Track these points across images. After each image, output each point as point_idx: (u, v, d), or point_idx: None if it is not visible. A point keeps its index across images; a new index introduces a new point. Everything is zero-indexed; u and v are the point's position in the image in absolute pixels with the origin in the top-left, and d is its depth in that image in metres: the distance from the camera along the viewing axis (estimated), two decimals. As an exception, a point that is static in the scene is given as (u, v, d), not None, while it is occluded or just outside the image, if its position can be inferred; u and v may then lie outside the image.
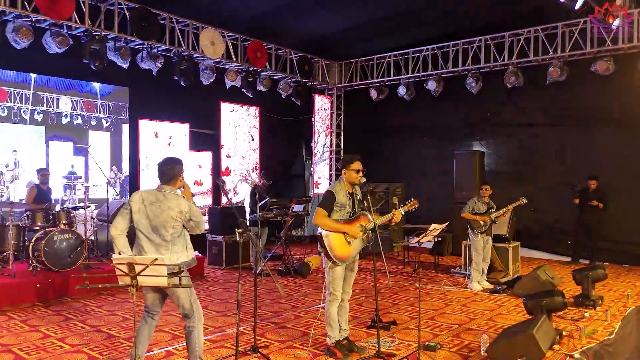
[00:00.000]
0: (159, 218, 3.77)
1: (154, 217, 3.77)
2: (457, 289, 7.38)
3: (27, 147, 8.55)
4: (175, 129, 10.45)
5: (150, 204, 3.80)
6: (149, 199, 3.82)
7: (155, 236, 3.80)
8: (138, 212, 3.78)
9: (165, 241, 3.79)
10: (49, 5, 7.23)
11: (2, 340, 4.99)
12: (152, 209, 3.78)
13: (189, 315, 3.91)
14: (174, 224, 3.77)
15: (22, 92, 8.47)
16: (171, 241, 3.80)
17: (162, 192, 3.84)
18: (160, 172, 3.91)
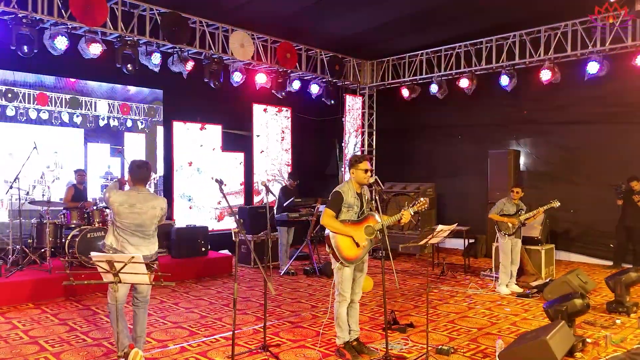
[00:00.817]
0: (142, 217, 4.21)
1: (138, 216, 4.19)
2: (484, 292, 7.19)
3: (67, 149, 8.96)
4: (209, 130, 10.68)
5: (130, 205, 4.19)
6: (127, 202, 4.20)
7: (139, 232, 4.23)
8: (121, 213, 4.16)
9: (148, 235, 4.28)
10: (84, 12, 7.54)
11: (31, 332, 5.26)
12: (135, 210, 4.18)
13: (145, 299, 4.38)
14: (155, 220, 4.29)
15: (62, 97, 8.88)
16: (152, 235, 4.33)
17: (141, 193, 4.26)
18: (135, 174, 4.30)
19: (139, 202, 4.21)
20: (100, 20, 7.73)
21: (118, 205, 4.22)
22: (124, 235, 4.19)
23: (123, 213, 4.18)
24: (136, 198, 4.22)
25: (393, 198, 10.80)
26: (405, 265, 9.43)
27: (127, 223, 4.18)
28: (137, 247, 4.20)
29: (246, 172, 11.33)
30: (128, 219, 4.17)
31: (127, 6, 8.24)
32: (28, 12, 7.23)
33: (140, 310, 4.37)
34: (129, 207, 4.20)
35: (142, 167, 4.33)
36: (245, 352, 4.66)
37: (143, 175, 4.32)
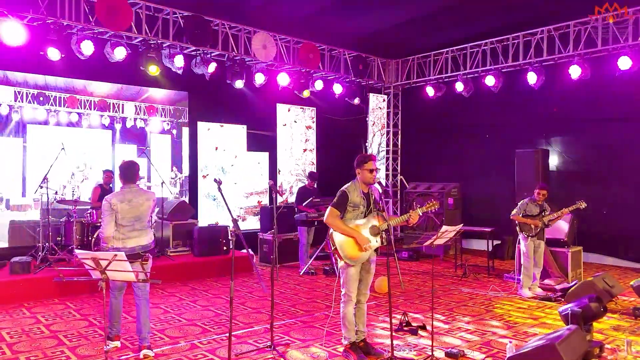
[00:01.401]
0: (140, 209, 4.66)
1: (136, 209, 4.63)
2: (504, 295, 7.01)
3: (96, 150, 9.25)
4: (233, 131, 10.82)
5: (128, 201, 4.62)
6: (126, 198, 4.62)
7: (138, 224, 4.66)
8: (120, 210, 4.58)
9: (145, 227, 4.75)
10: (109, 17, 7.77)
11: (52, 327, 5.46)
12: (131, 204, 4.62)
13: (142, 291, 4.75)
14: (149, 211, 4.76)
15: (90, 99, 9.18)
16: (148, 226, 4.80)
17: (131, 190, 4.69)
18: (123, 174, 4.76)
19: (134, 197, 4.66)
20: (124, 24, 7.95)
21: (119, 203, 4.59)
22: (125, 232, 4.60)
23: (124, 210, 4.58)
24: (131, 194, 4.67)
25: (417, 198, 10.67)
26: (428, 267, 9.30)
27: (128, 218, 4.58)
28: (136, 238, 4.68)
29: (270, 172, 11.42)
30: (129, 213, 4.59)
31: (152, 10, 8.45)
32: (56, 18, 7.51)
33: (141, 301, 4.73)
34: (128, 202, 4.62)
35: (130, 168, 4.80)
36: (253, 350, 4.70)
37: (132, 174, 4.77)
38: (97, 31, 8.00)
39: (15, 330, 5.32)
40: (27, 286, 6.66)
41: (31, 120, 8.59)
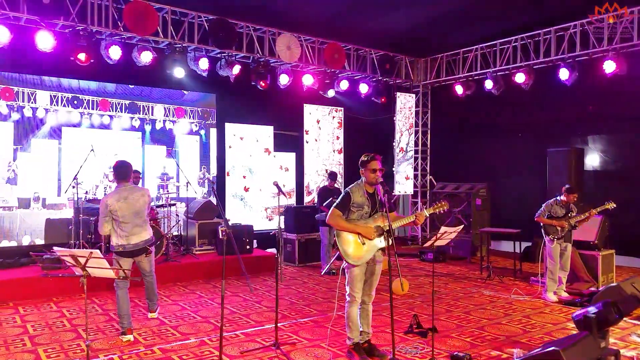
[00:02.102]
0: (137, 205, 4.96)
1: (133, 205, 4.93)
2: (528, 299, 6.80)
3: (127, 151, 9.57)
4: (260, 132, 10.97)
5: (124, 199, 4.93)
6: (122, 196, 4.94)
7: (137, 219, 4.98)
8: (119, 209, 4.88)
9: (144, 222, 5.06)
10: (136, 23, 8.03)
11: (74, 321, 5.70)
12: (128, 201, 4.92)
13: (149, 275, 5.35)
14: (146, 206, 5.05)
15: (122, 102, 9.52)
16: (146, 221, 5.11)
17: (126, 187, 4.99)
18: (117, 173, 5.07)
19: (129, 194, 4.98)
20: (151, 29, 8.19)
21: (116, 202, 4.90)
22: (126, 228, 4.92)
23: (121, 207, 4.89)
24: (125, 192, 4.98)
25: (444, 199, 10.46)
26: (453, 269, 9.12)
27: (127, 214, 4.89)
28: (138, 234, 5.01)
29: (297, 172, 11.50)
30: (127, 210, 4.89)
31: (177, 15, 8.68)
32: (86, 24, 7.83)
33: (147, 279, 5.35)
34: (124, 200, 4.92)
35: (123, 167, 5.12)
36: (258, 348, 4.76)
37: (125, 174, 5.09)
38: (124, 36, 8.28)
39: (39, 323, 5.58)
40: (57, 282, 6.96)
41: (66, 122, 8.99)
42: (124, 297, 5.02)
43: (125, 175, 5.07)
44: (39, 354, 4.61)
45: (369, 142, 12.23)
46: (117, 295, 5.00)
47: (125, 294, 5.04)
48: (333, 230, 8.67)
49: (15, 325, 5.50)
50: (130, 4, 7.99)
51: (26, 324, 5.57)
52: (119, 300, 4.99)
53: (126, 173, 5.09)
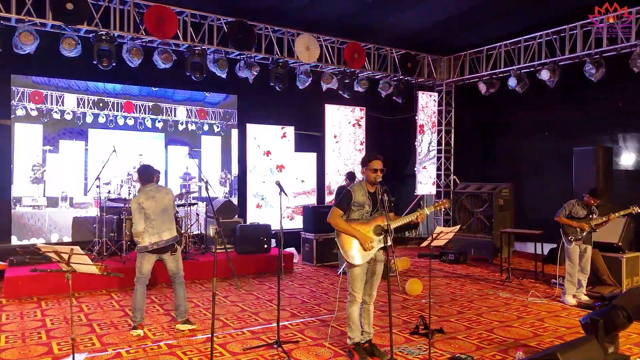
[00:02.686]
0: (164, 202, 5.27)
1: (161, 203, 5.24)
2: (545, 302, 6.62)
3: (150, 151, 9.83)
4: (282, 132, 11.06)
5: (152, 197, 5.22)
6: (149, 195, 5.23)
7: (166, 216, 5.27)
8: (149, 207, 5.18)
9: (172, 219, 5.36)
10: (156, 27, 8.25)
11: (91, 316, 5.90)
12: (156, 200, 5.22)
13: (176, 275, 5.43)
14: (174, 203, 5.38)
15: (145, 104, 9.77)
16: (173, 218, 5.41)
17: (152, 187, 5.31)
18: (142, 177, 5.38)
19: (156, 193, 5.28)
20: (170, 33, 8.39)
21: (144, 201, 5.12)
22: (157, 225, 5.19)
23: (151, 206, 5.17)
24: (152, 191, 5.29)
25: (466, 199, 10.31)
26: (473, 270, 8.96)
27: (156, 212, 5.18)
28: (169, 230, 5.29)
29: (318, 172, 11.53)
30: (156, 208, 5.19)
31: (197, 18, 8.85)
32: (108, 29, 8.09)
33: (176, 284, 5.43)
34: (152, 199, 5.20)
35: (147, 170, 5.46)
36: (261, 346, 4.81)
37: (149, 176, 5.42)
38: (145, 40, 8.51)
39: (57, 317, 5.81)
40: (78, 277, 7.19)
41: (92, 124, 9.29)
42: (142, 292, 5.27)
43: (149, 178, 5.39)
44: (52, 347, 4.79)
45: (391, 142, 12.19)
46: (135, 290, 5.25)
47: (143, 289, 5.29)
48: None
49: (35, 319, 5.74)
50: (151, 8, 8.21)
51: (45, 318, 5.80)
52: (136, 294, 5.23)
53: (150, 175, 5.43)
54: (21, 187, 8.72)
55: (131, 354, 4.62)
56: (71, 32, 7.89)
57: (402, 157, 12.31)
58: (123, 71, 8.64)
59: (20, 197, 8.71)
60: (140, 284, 5.29)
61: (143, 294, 5.31)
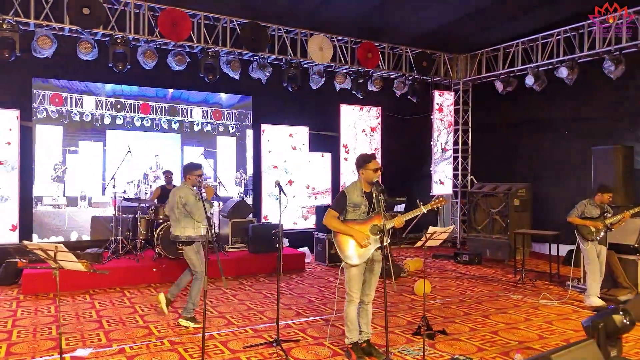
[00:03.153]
0: (170, 202, 5.63)
1: (170, 202, 5.65)
2: (557, 304, 6.49)
3: (166, 152, 10.01)
4: (296, 132, 11.12)
5: (169, 196, 5.72)
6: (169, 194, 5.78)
7: (172, 214, 5.61)
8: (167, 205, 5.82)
9: (175, 217, 5.53)
10: (170, 29, 8.40)
11: (102, 312, 6.06)
12: (169, 199, 5.69)
13: (195, 272, 5.58)
14: (177, 205, 5.45)
15: (161, 106, 9.96)
16: (177, 218, 5.50)
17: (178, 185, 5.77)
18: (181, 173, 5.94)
19: (173, 191, 5.76)
20: (184, 35, 8.53)
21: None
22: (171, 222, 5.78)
23: (169, 202, 5.73)
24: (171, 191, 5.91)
25: (482, 199, 10.18)
26: (487, 271, 8.84)
27: (167, 209, 5.76)
28: (174, 228, 5.64)
29: (333, 172, 11.54)
30: (168, 206, 5.74)
31: (211, 20, 8.98)
32: (124, 32, 8.28)
33: (192, 280, 5.67)
34: (169, 197, 5.76)
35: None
36: (261, 344, 4.86)
37: (182, 174, 5.99)
38: (160, 42, 8.67)
39: (70, 313, 5.98)
40: (93, 275, 7.39)
41: (110, 125, 9.52)
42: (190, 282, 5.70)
43: (181, 177, 6.02)
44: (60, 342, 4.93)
45: (407, 142, 12.11)
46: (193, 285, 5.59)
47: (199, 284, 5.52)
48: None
49: (48, 315, 5.92)
50: (165, 11, 8.37)
51: (58, 314, 5.96)
52: (194, 288, 5.53)
53: (182, 174, 5.90)
54: (42, 187, 9.00)
55: (134, 349, 4.73)
56: (87, 36, 8.10)
57: (418, 157, 12.21)
58: (139, 73, 8.82)
59: (41, 197, 8.99)
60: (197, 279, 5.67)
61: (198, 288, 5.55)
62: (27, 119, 8.88)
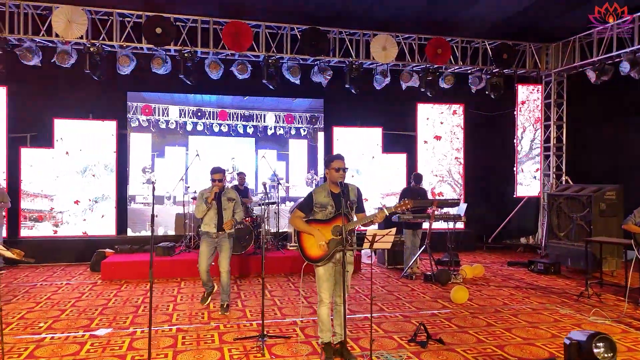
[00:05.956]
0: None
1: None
2: (609, 322, 5.67)
3: (242, 155, 10.73)
4: (368, 133, 11.12)
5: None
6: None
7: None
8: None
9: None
10: (233, 41, 9.03)
11: (147, 300, 6.77)
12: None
13: (222, 269, 6.07)
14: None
15: (237, 112, 10.70)
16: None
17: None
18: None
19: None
20: (246, 45, 9.09)
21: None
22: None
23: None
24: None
25: (565, 202, 9.15)
26: (557, 283, 7.98)
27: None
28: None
29: (408, 173, 11.27)
30: (198, 206, 6.25)
31: (273, 28, 9.43)
32: (195, 46, 9.10)
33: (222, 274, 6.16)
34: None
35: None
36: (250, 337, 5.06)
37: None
38: (227, 53, 9.35)
39: (122, 298, 6.80)
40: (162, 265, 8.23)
41: (191, 131, 10.50)
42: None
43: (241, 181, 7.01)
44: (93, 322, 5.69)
45: (490, 140, 11.38)
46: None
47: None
48: (418, 233, 8.43)
49: (105, 298, 6.81)
50: (228, 24, 9.01)
51: (115, 298, 6.83)
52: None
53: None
54: (135, 187, 10.26)
55: (145, 333, 5.26)
56: (161, 52, 9.06)
57: (501, 156, 11.34)
58: (216, 83, 9.57)
59: (134, 196, 10.26)
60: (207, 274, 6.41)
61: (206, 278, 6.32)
62: (124, 128, 10.20)
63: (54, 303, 6.55)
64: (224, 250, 6.16)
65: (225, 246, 6.18)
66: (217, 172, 6.13)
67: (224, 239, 6.18)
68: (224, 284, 6.10)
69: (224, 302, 6.11)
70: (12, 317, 5.86)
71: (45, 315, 5.96)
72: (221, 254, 6.15)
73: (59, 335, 5.18)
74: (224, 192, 6.25)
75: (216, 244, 6.19)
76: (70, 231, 9.87)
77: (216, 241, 6.17)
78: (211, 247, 6.18)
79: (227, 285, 6.11)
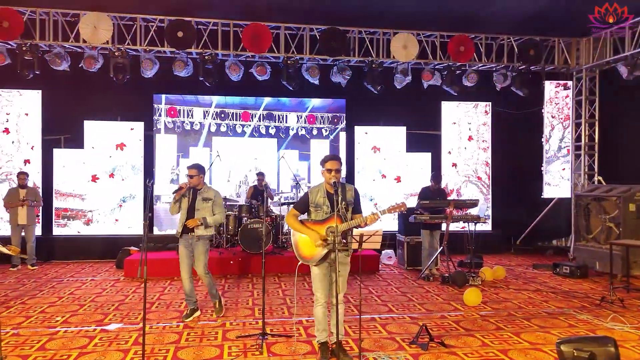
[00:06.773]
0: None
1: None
2: (627, 328, 5.41)
3: (264, 155, 10.84)
4: (392, 132, 11.02)
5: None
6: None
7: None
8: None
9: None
10: (252, 43, 9.14)
11: (163, 296, 6.95)
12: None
13: (201, 273, 5.81)
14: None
15: (259, 113, 10.82)
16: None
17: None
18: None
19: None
20: (265, 47, 9.19)
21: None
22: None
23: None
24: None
25: (593, 203, 8.79)
26: (581, 287, 7.66)
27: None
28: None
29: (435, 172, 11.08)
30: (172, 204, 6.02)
31: (293, 29, 9.49)
32: (215, 49, 9.27)
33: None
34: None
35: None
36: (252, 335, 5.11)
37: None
38: (247, 55, 9.48)
39: (140, 294, 7.00)
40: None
41: (215, 133, 10.70)
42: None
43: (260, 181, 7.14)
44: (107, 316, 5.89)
45: (516, 139, 11.05)
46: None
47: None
48: (436, 234, 8.29)
49: (122, 294, 7.03)
50: (247, 27, 9.13)
51: (133, 294, 7.05)
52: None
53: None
54: (161, 187, 10.54)
55: (153, 329, 5.41)
56: (183, 55, 9.27)
57: (528, 156, 10.98)
58: (240, 85, 9.74)
59: (159, 195, 10.53)
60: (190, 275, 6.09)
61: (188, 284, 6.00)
62: (150, 129, 10.49)
63: (75, 298, 6.81)
64: (196, 254, 5.75)
65: (198, 250, 5.74)
66: (191, 168, 5.78)
67: (196, 242, 5.73)
68: (207, 285, 5.88)
69: (214, 301, 5.94)
70: (33, 310, 6.14)
71: (64, 309, 6.21)
72: (195, 258, 5.77)
73: (72, 329, 5.39)
74: (201, 191, 5.84)
75: (191, 246, 5.79)
76: (99, 229, 10.25)
77: (191, 244, 5.78)
78: (188, 250, 5.78)
79: (210, 286, 5.88)
